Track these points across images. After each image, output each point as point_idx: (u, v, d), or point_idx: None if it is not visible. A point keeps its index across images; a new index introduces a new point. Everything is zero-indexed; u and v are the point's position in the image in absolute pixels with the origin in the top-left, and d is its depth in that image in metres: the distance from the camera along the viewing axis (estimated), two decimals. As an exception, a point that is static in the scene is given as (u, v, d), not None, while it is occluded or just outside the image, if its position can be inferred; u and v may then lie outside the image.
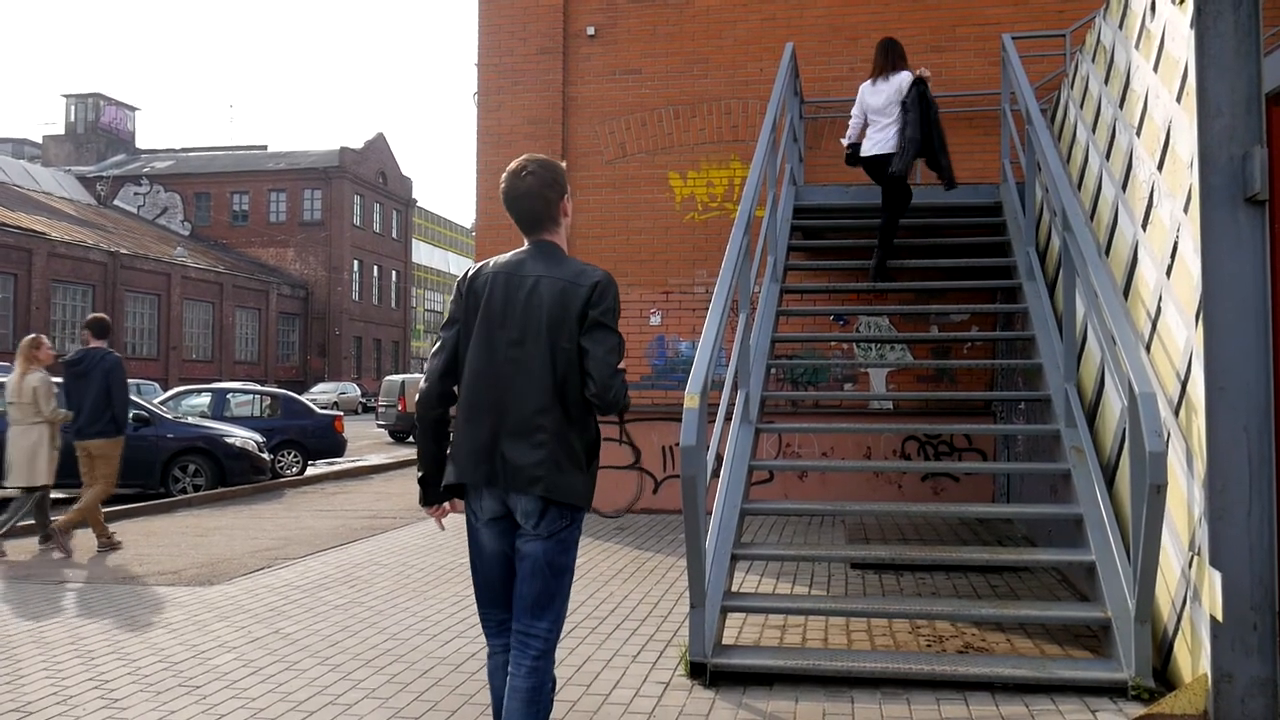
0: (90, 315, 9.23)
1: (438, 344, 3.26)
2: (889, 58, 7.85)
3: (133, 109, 58.82)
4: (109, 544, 8.49)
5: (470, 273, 3.27)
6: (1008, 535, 8.31)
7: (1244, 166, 3.95)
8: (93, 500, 8.43)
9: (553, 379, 3.06)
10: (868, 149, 7.91)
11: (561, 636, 5.39)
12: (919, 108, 7.58)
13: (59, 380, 8.77)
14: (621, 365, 3.12)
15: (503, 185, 3.25)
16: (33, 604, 6.47)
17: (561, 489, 3.05)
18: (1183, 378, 4.24)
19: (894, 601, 5.82)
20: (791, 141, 8.68)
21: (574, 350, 3.06)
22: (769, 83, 9.27)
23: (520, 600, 3.12)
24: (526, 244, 3.30)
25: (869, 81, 7.96)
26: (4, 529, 8.45)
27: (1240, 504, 3.87)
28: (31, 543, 8.76)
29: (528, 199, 3.23)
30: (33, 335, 8.88)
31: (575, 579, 3.11)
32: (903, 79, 7.71)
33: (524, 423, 3.05)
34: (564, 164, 3.34)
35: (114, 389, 8.40)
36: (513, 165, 3.27)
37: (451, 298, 3.29)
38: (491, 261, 3.27)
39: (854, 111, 8.09)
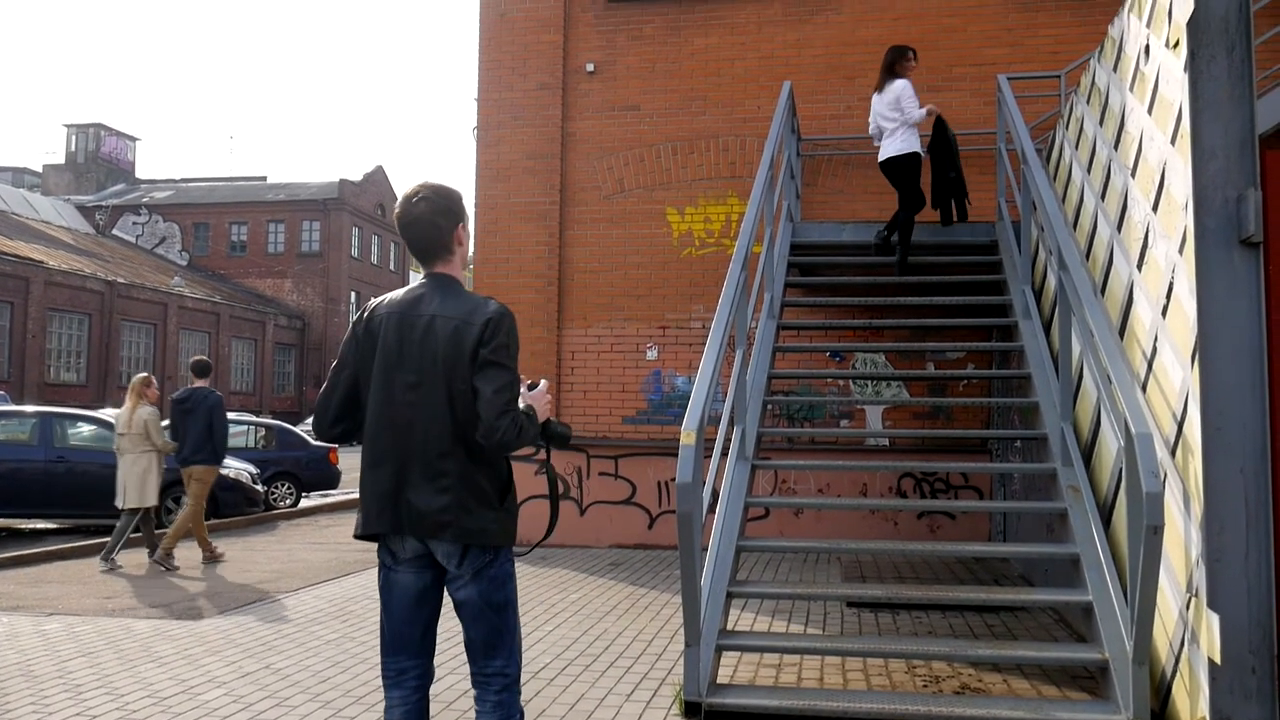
0: (195, 358, 10.33)
1: (326, 383, 3.18)
2: (883, 67, 8.45)
3: (133, 139, 59.03)
4: (213, 557, 9.63)
5: (365, 313, 3.15)
6: (1004, 574, 8.27)
7: (1238, 209, 3.97)
8: (184, 519, 9.47)
9: (452, 421, 2.98)
10: (881, 154, 8.43)
11: (556, 673, 5.35)
12: (942, 145, 8.40)
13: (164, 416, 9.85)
14: (525, 402, 3.04)
15: (395, 211, 3.17)
16: (22, 636, 6.41)
17: (473, 532, 2.98)
18: (1179, 418, 4.24)
19: (890, 641, 5.77)
20: (789, 178, 8.73)
21: (470, 390, 2.97)
22: (766, 120, 9.35)
23: (471, 646, 3.08)
24: (421, 276, 3.20)
25: (875, 93, 8.48)
26: (115, 548, 9.37)
27: (1237, 546, 3.86)
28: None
29: (418, 225, 3.11)
30: (144, 375, 9.85)
31: (570, 615, 3.09)
32: (897, 88, 8.24)
33: (427, 467, 2.98)
34: (459, 192, 3.22)
35: (215, 424, 9.55)
36: (406, 190, 3.18)
37: (346, 337, 3.18)
38: (387, 299, 3.17)
39: (869, 118, 8.60)
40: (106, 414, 18.20)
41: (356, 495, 3.23)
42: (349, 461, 22.95)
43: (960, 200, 8.57)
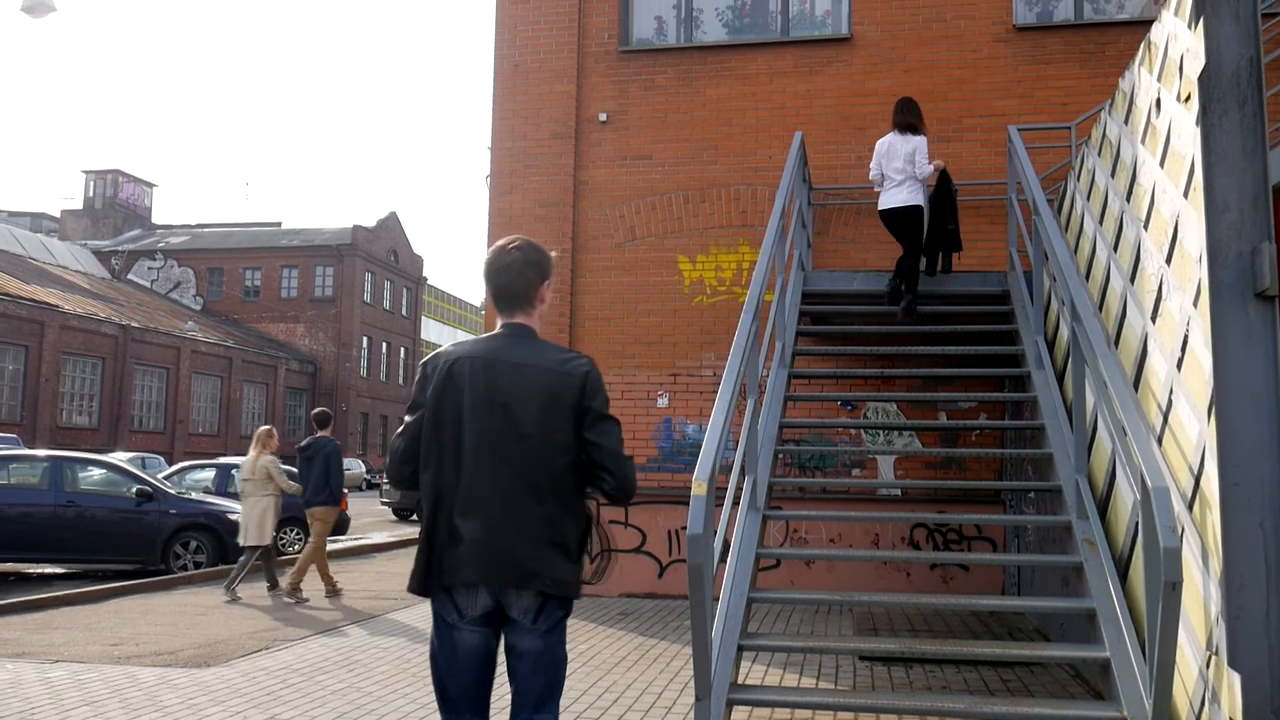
0: (316, 409, 11.16)
1: (401, 426, 3.18)
2: (904, 116, 8.40)
3: (151, 185, 59.73)
4: (335, 590, 10.53)
5: (444, 359, 3.15)
6: (1019, 627, 8.17)
7: (1253, 262, 3.95)
8: (307, 555, 10.39)
9: (548, 470, 3.00)
10: (884, 203, 8.42)
11: (563, 727, 5.27)
12: (943, 197, 8.39)
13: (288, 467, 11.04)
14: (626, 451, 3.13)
15: (487, 258, 3.23)
16: (26, 684, 6.36)
17: (560, 583, 2.99)
18: (1196, 472, 4.19)
19: (904, 696, 5.68)
20: (800, 227, 8.76)
21: (568, 441, 3.01)
22: (778, 170, 9.39)
23: (525, 696, 3.03)
24: (499, 326, 3.22)
25: (884, 138, 8.47)
26: (236, 580, 10.36)
27: (1258, 603, 3.79)
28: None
29: (508, 273, 3.17)
30: (268, 427, 11.08)
31: (579, 666, 3.08)
32: (915, 143, 8.24)
33: (520, 517, 2.98)
34: (555, 254, 3.31)
35: (331, 470, 10.39)
36: (500, 241, 3.26)
37: (417, 381, 3.19)
38: (464, 346, 3.19)
39: (872, 163, 8.57)
40: (117, 458, 18.25)
41: (364, 542, 3.22)
42: (358, 508, 22.90)
43: (952, 252, 8.66)
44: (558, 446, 3.01)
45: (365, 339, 55.07)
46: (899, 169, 8.29)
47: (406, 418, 3.18)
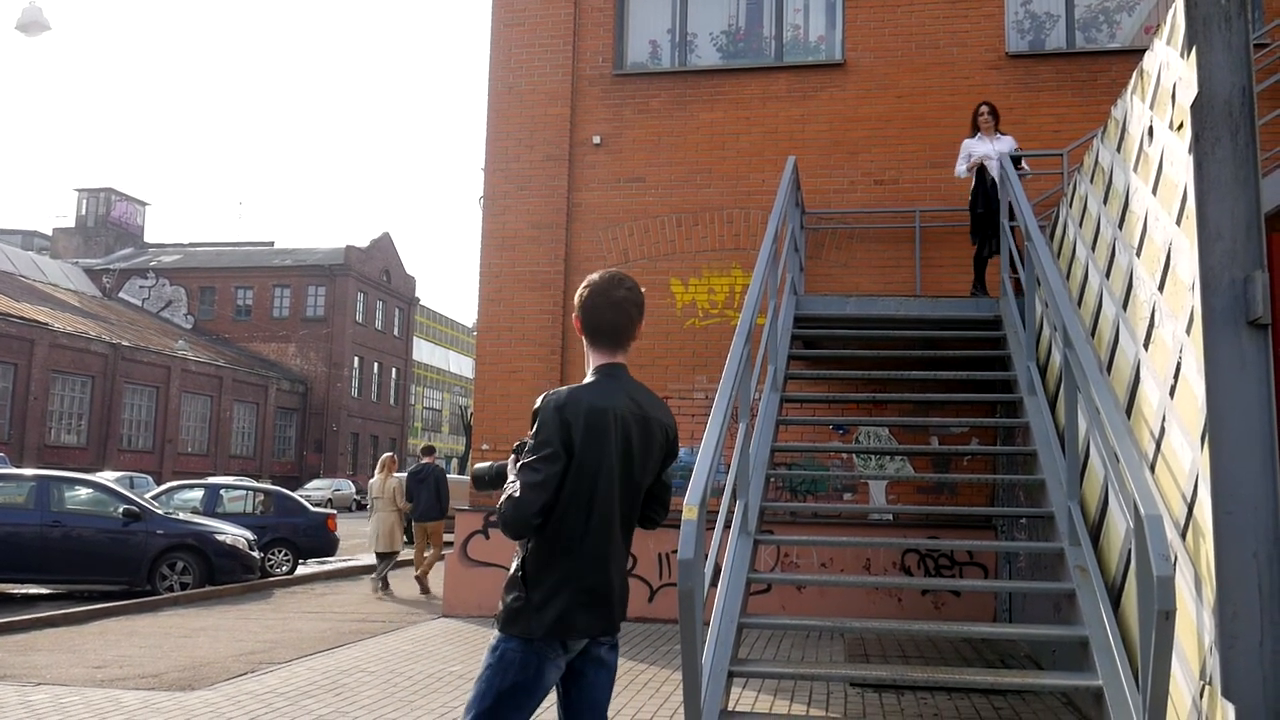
0: (425, 445, 14.15)
1: (540, 474, 2.91)
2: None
3: (143, 204, 59.65)
4: (427, 590, 12.64)
5: (583, 405, 3.01)
6: (1011, 653, 8.13)
7: (1245, 290, 3.96)
8: (433, 559, 13.03)
9: (637, 510, 3.19)
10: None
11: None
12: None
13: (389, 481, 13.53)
14: None
15: (589, 291, 3.15)
16: (7, 708, 6.27)
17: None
18: (1189, 500, 4.17)
19: (895, 724, 5.64)
20: (792, 251, 8.76)
21: (651, 481, 3.20)
22: (770, 193, 9.42)
23: (599, 708, 3.11)
24: (601, 367, 3.17)
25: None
26: (381, 579, 13.08)
27: (1252, 632, 3.77)
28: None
29: (616, 311, 3.15)
30: (390, 454, 14.03)
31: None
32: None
33: (622, 557, 3.15)
34: (644, 290, 3.34)
35: (441, 490, 13.02)
36: (607, 275, 3.19)
37: (551, 427, 2.96)
38: (591, 391, 3.09)
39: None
40: (104, 477, 18.13)
41: (353, 563, 3.17)
42: (346, 529, 22.74)
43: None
44: (645, 487, 3.17)
45: (357, 359, 54.94)
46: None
47: (538, 466, 2.92)
